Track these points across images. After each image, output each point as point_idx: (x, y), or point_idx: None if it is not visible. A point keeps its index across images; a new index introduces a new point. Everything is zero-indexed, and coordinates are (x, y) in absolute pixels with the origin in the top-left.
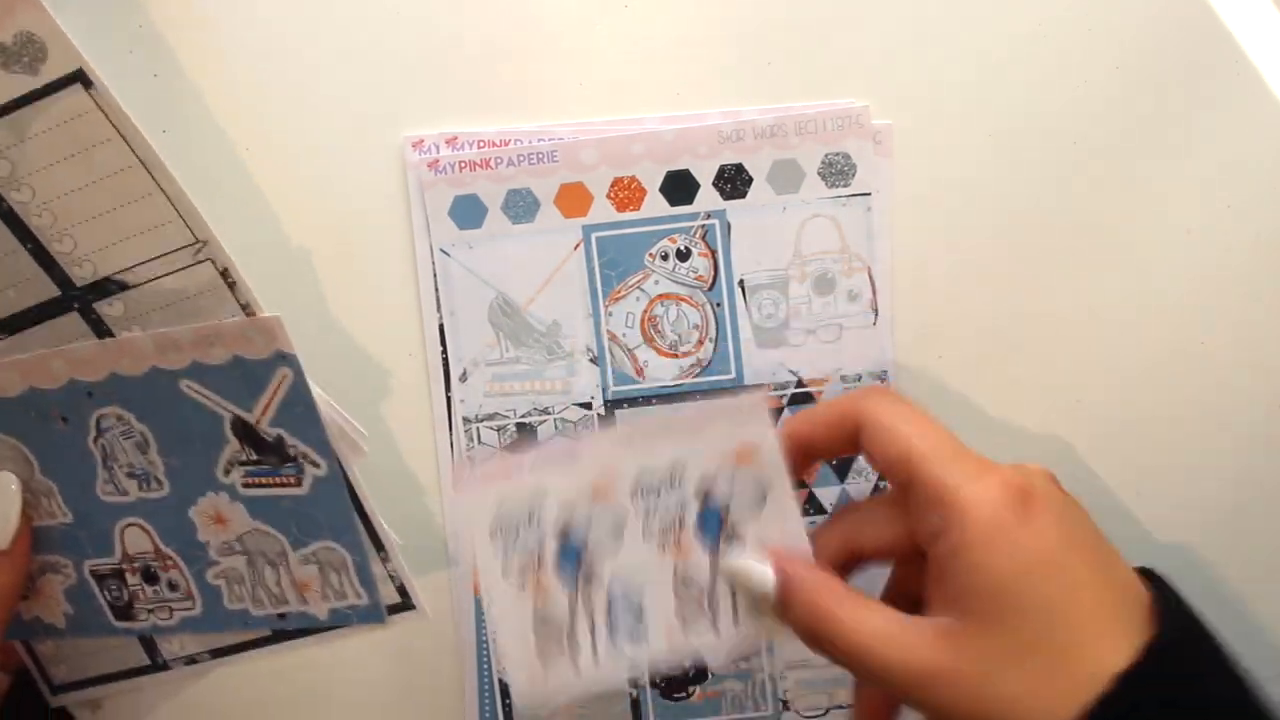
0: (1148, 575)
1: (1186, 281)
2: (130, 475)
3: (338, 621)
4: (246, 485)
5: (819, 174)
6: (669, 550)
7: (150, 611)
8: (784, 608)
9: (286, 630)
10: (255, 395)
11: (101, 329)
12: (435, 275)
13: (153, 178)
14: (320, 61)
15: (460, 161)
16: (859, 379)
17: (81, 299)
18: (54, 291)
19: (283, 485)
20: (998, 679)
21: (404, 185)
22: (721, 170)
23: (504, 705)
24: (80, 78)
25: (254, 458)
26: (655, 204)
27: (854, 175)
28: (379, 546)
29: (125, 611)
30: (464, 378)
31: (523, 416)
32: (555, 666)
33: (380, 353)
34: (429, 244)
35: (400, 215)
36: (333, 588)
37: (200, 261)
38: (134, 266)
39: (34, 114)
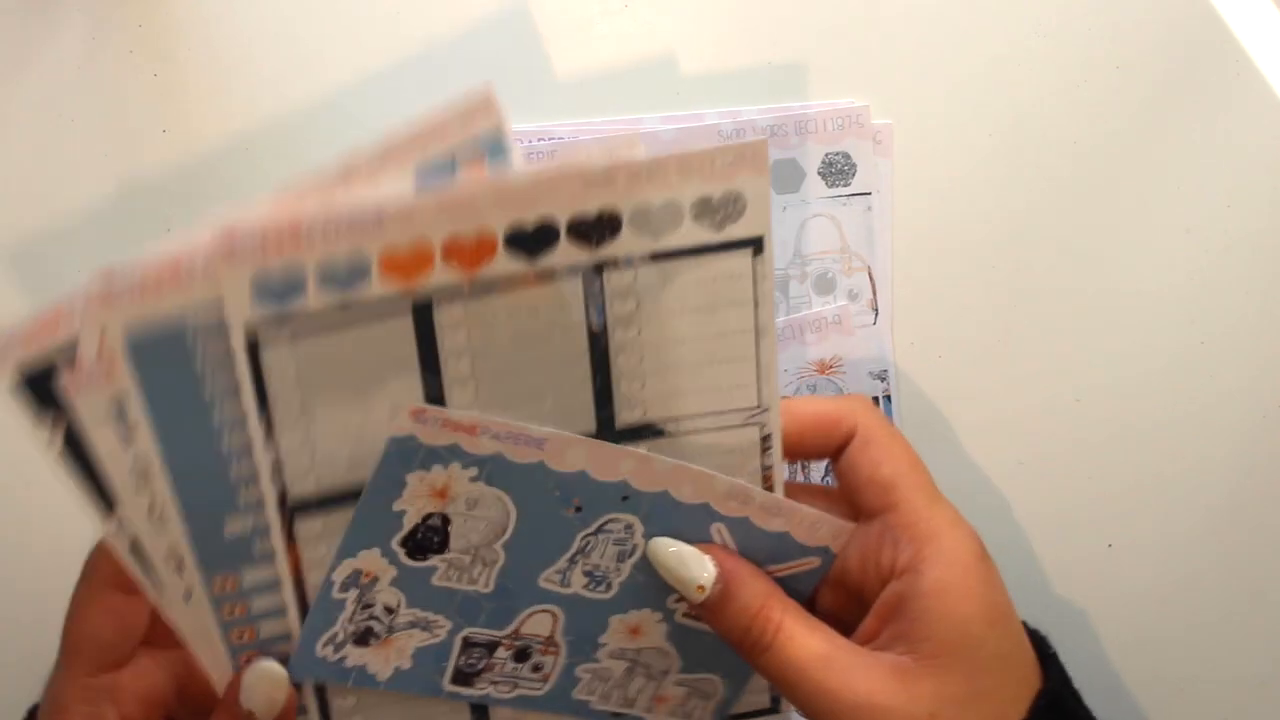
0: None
1: (1186, 281)
2: (586, 574)
3: None
4: (688, 616)
5: (819, 174)
6: None
7: (493, 684)
8: (719, 605)
9: None
10: (778, 562)
11: None
12: None
13: (756, 345)
14: (320, 62)
15: None
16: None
17: (612, 438)
18: (590, 427)
19: None
20: None
21: None
22: None
23: None
24: (755, 244)
25: None
26: None
27: (854, 175)
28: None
29: (466, 679)
30: None
31: None
32: None
33: None
34: None
35: None
36: (686, 710)
37: (750, 425)
38: (684, 418)
39: (691, 265)
